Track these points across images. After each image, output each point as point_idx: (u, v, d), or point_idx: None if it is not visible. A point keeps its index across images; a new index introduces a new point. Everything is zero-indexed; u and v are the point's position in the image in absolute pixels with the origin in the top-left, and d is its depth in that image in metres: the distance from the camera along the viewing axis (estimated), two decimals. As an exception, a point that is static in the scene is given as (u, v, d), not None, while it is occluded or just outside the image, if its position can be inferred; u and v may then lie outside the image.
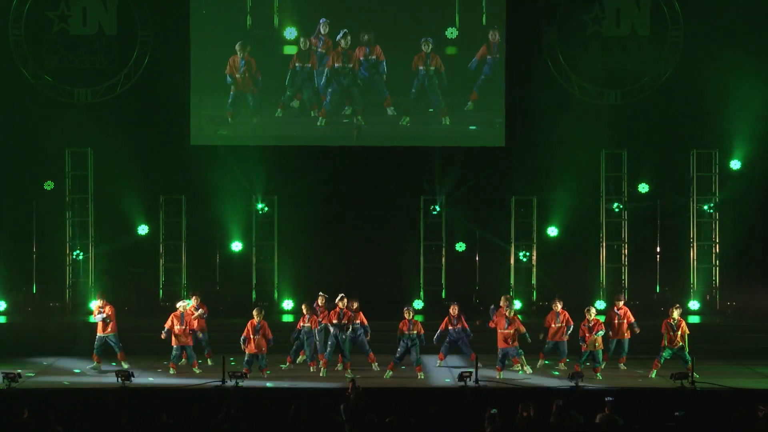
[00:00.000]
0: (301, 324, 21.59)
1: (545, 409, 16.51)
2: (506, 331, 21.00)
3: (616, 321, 21.73)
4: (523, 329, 21.11)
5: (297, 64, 26.31)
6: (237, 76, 26.22)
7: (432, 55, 26.31)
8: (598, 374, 20.86)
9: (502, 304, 21.40)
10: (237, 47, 26.16)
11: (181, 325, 21.30)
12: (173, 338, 21.38)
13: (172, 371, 21.29)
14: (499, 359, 21.04)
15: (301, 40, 26.31)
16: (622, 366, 21.71)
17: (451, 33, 26.40)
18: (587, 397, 18.47)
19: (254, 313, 21.17)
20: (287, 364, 21.88)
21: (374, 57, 26.27)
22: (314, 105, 26.43)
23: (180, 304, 21.62)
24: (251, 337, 20.85)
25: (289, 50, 26.50)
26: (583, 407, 16.96)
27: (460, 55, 26.54)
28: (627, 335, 21.71)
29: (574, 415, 16.46)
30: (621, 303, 22.01)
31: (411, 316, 21.34)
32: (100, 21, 26.43)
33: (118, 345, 21.64)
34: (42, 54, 26.41)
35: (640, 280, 26.43)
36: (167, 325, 21.39)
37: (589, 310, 21.29)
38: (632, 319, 21.75)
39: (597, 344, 21.04)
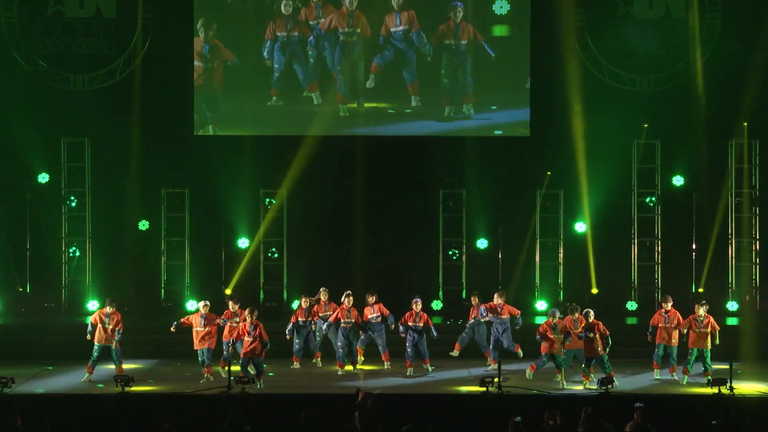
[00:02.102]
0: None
1: (573, 416, 16.45)
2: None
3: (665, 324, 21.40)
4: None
5: (280, 34, 26.25)
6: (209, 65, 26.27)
7: (462, 26, 26.18)
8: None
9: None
10: (199, 27, 26.14)
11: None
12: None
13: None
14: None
15: (283, 3, 26.23)
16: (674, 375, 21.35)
17: (502, 8, 26.41)
18: (618, 404, 18.37)
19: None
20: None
21: (406, 27, 26.06)
22: (315, 86, 26.39)
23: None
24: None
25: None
26: (614, 415, 16.87)
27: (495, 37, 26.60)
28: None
29: (603, 424, 16.38)
30: (669, 305, 21.64)
31: (418, 308, 21.58)
32: (98, 3, 26.47)
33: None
34: (36, 38, 26.45)
35: (675, 279, 26.33)
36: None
37: (587, 314, 20.96)
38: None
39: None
